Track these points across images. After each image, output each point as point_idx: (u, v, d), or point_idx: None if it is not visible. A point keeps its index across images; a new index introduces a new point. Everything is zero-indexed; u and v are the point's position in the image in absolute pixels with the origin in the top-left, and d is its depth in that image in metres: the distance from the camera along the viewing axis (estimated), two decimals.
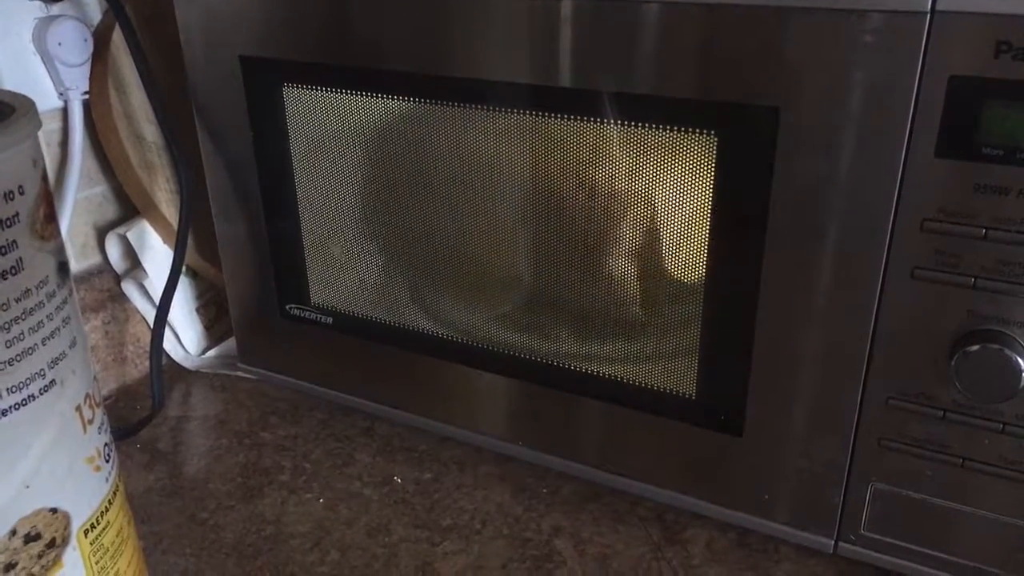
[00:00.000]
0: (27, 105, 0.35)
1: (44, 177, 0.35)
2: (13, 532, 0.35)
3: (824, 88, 0.40)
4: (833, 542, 0.49)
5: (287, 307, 0.63)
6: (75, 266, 0.68)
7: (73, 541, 0.38)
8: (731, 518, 0.53)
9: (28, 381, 0.34)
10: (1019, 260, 0.39)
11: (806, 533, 0.50)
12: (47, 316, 0.35)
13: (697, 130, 0.44)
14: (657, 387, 0.51)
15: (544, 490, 0.58)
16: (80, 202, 0.67)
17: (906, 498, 0.46)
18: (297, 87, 0.55)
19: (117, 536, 0.41)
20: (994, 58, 0.37)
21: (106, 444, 0.40)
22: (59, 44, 0.61)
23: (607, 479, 0.56)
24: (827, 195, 0.42)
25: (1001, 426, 0.42)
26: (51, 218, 0.36)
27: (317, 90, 0.55)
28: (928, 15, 0.37)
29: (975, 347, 0.41)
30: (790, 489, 0.49)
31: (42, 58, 0.62)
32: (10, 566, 0.35)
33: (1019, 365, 0.40)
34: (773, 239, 0.44)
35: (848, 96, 0.40)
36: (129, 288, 0.70)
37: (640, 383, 0.52)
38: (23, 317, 0.34)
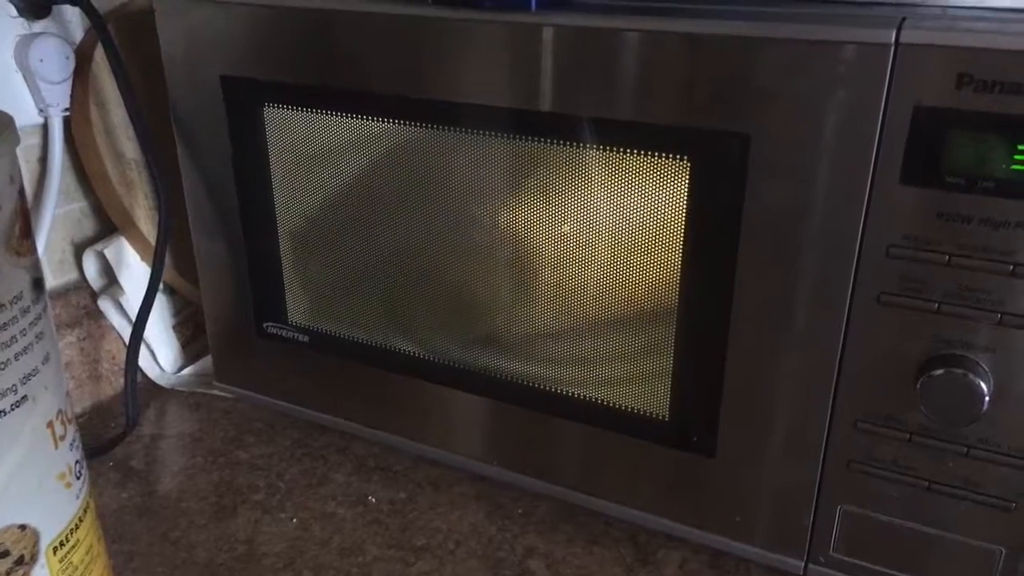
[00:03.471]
0: (5, 122, 0.35)
1: (21, 193, 0.35)
2: None
3: (793, 116, 0.41)
4: (803, 564, 0.50)
5: (264, 325, 0.63)
6: (52, 282, 0.68)
7: (42, 559, 0.38)
8: (703, 539, 0.53)
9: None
10: (981, 286, 0.40)
11: (777, 555, 0.50)
12: (20, 331, 0.35)
13: (671, 156, 0.45)
14: (631, 408, 0.52)
15: (519, 510, 0.58)
16: (58, 218, 0.67)
17: (874, 520, 0.47)
18: (277, 107, 0.56)
19: (87, 554, 0.41)
20: (956, 89, 0.38)
21: (77, 461, 0.40)
22: (41, 61, 0.61)
23: (581, 500, 0.56)
24: (796, 221, 0.43)
25: (966, 449, 0.43)
26: (27, 234, 0.36)
27: (297, 110, 0.55)
28: (893, 47, 0.38)
29: (939, 371, 0.42)
30: (761, 511, 0.50)
31: (23, 75, 0.62)
32: None
33: (982, 390, 0.41)
34: (744, 263, 0.45)
35: (816, 124, 0.41)
36: (106, 305, 0.70)
37: (614, 404, 0.52)
38: None
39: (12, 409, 0.35)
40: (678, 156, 0.45)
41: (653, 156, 0.45)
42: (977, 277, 0.40)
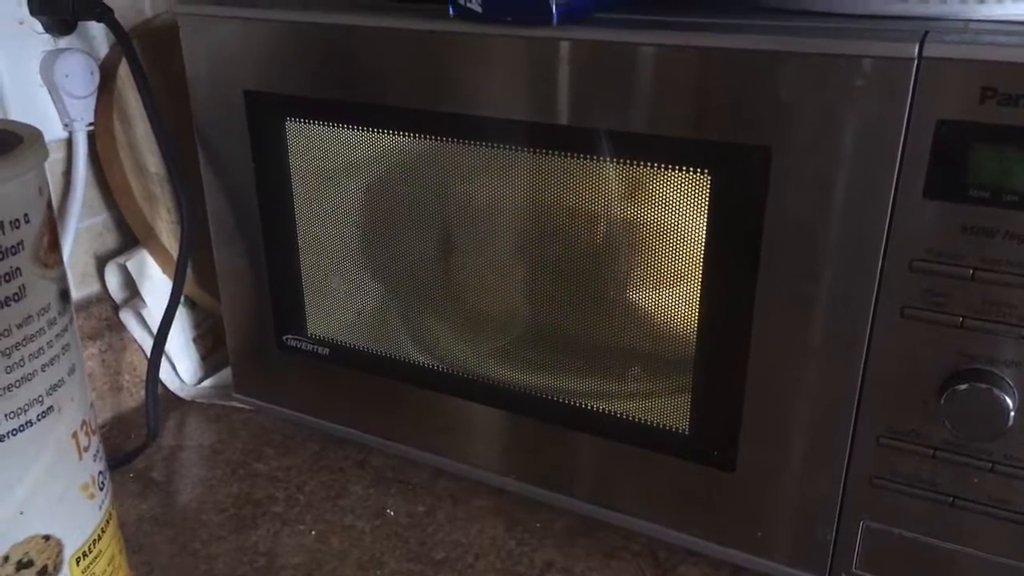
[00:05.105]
0: (34, 135, 0.36)
1: (49, 206, 0.36)
2: (6, 559, 0.35)
3: (815, 130, 0.41)
4: None
5: (284, 338, 0.63)
6: (74, 294, 0.68)
7: (65, 569, 0.38)
8: (723, 555, 0.52)
9: (27, 407, 0.35)
10: (1006, 300, 0.40)
11: (798, 571, 0.50)
12: (47, 343, 0.36)
13: (691, 169, 0.45)
14: (650, 422, 0.52)
15: (537, 524, 0.58)
16: (81, 231, 0.67)
17: (897, 537, 0.47)
18: (299, 121, 0.56)
19: (109, 565, 0.41)
20: (980, 103, 0.38)
21: (100, 472, 0.40)
22: (66, 76, 0.62)
23: (600, 514, 0.56)
24: (818, 234, 0.43)
25: (990, 465, 0.43)
26: (54, 246, 0.36)
27: (319, 125, 0.55)
28: (916, 61, 0.38)
29: (964, 386, 0.41)
30: (782, 526, 0.49)
31: (49, 90, 0.63)
32: None
33: (1007, 404, 0.40)
34: (765, 277, 0.45)
35: (839, 138, 0.41)
36: (127, 317, 0.70)
37: (634, 418, 0.52)
38: (24, 343, 0.34)
39: (38, 419, 0.35)
40: (698, 169, 0.45)
41: (673, 169, 0.45)
42: (1002, 291, 0.40)
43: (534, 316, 0.54)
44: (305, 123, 0.56)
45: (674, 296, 0.49)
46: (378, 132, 0.54)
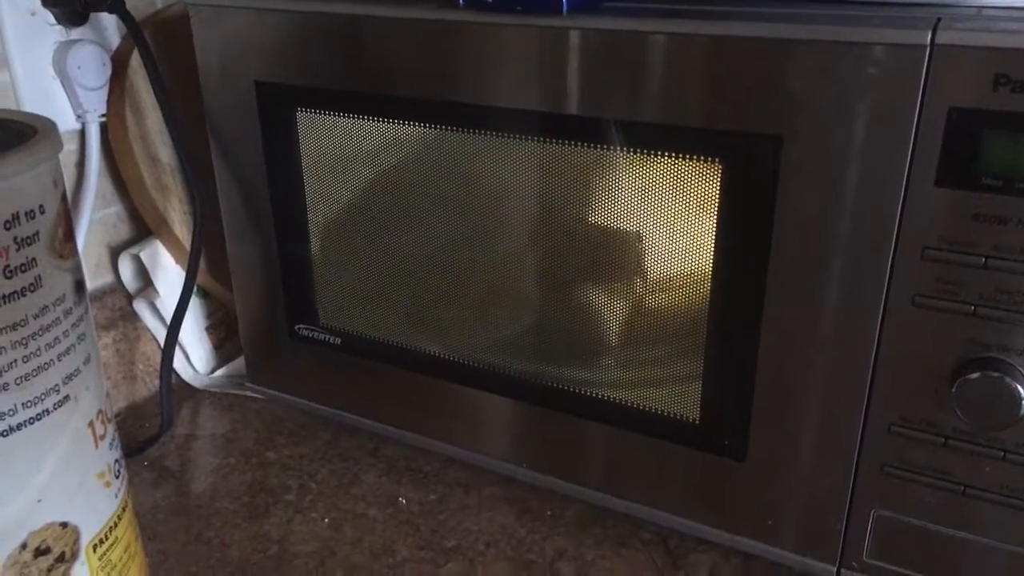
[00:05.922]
0: (49, 127, 0.36)
1: (63, 197, 0.36)
2: (24, 546, 0.36)
3: (827, 118, 0.41)
4: (835, 569, 0.49)
5: (296, 327, 0.64)
6: (88, 285, 0.68)
7: (82, 556, 0.39)
8: (735, 543, 0.53)
9: (43, 396, 0.35)
10: (1018, 288, 0.40)
11: (809, 559, 0.50)
12: (63, 332, 0.36)
13: (702, 158, 0.45)
14: (661, 411, 0.52)
15: (548, 513, 0.58)
16: (95, 222, 0.68)
17: (908, 525, 0.47)
18: (310, 112, 0.56)
19: (125, 552, 0.42)
20: (993, 90, 0.37)
21: (116, 460, 0.41)
22: (78, 67, 0.63)
23: (611, 502, 0.56)
24: (829, 223, 0.43)
25: (1002, 453, 0.43)
26: (69, 237, 0.36)
27: (330, 115, 0.56)
28: (928, 48, 0.38)
29: (975, 374, 0.41)
30: (793, 515, 0.50)
31: (61, 81, 0.63)
32: None
33: (1019, 393, 0.40)
34: (776, 266, 0.45)
35: (850, 126, 0.41)
36: (141, 307, 0.71)
37: (644, 407, 0.52)
38: (40, 333, 0.35)
39: (55, 408, 0.36)
40: (709, 158, 0.45)
41: (684, 159, 0.45)
42: (1014, 279, 0.40)
43: (545, 305, 0.54)
44: (316, 113, 0.56)
45: (685, 285, 0.49)
46: (389, 122, 0.54)
